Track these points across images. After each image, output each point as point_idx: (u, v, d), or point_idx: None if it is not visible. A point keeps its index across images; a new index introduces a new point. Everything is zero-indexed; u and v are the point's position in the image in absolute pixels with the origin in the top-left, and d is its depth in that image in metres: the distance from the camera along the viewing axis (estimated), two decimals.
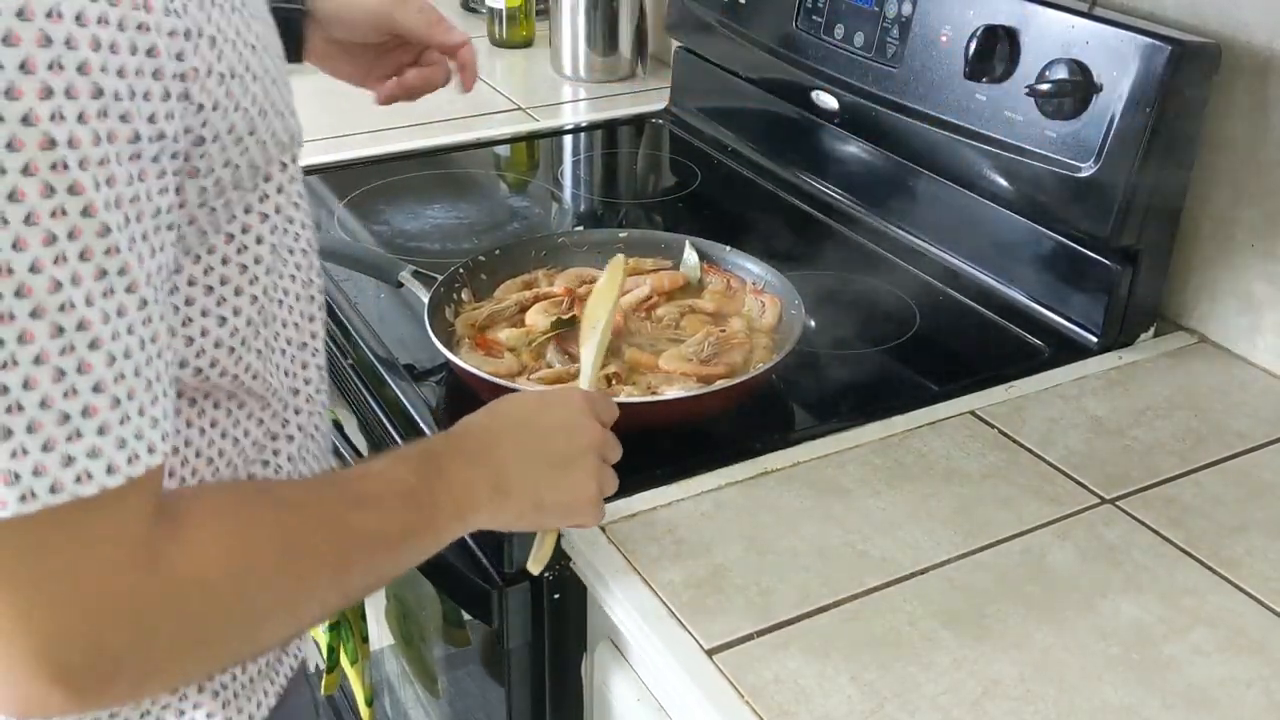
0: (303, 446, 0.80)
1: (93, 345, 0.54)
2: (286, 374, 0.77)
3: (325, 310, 0.83)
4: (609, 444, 0.86)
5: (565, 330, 1.11)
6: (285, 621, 0.70)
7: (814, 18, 1.43)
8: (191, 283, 0.67)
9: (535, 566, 0.89)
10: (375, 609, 1.32)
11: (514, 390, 1.01)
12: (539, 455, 0.83)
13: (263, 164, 0.68)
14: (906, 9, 1.30)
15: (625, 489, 0.96)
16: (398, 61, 1.13)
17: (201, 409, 0.71)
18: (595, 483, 0.85)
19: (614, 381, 1.05)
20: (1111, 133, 1.12)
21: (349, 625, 1.30)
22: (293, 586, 0.68)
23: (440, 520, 0.77)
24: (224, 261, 0.68)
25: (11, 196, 0.51)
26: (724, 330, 1.12)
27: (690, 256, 1.22)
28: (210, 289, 0.68)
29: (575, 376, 1.05)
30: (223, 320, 0.69)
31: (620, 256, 1.03)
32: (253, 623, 0.66)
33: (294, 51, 1.09)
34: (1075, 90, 1.13)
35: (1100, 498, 0.97)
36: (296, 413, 0.79)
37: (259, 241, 0.70)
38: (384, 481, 0.75)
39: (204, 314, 0.68)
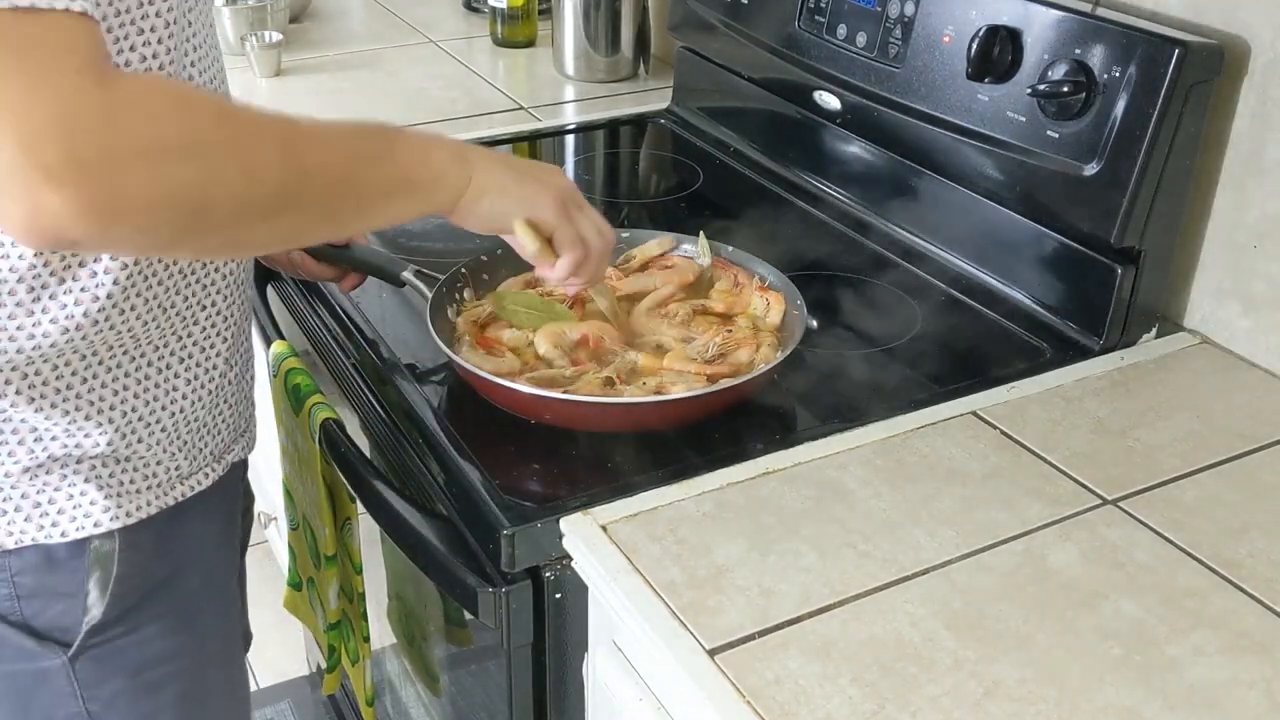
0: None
1: None
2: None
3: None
4: (581, 197, 1.00)
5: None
6: (237, 166, 0.74)
7: (816, 18, 1.43)
8: None
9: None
10: (377, 609, 1.32)
11: (514, 389, 1.01)
12: (503, 158, 0.97)
13: None
14: (909, 9, 1.30)
15: (626, 489, 0.96)
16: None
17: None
18: (557, 190, 0.97)
19: (616, 381, 1.05)
20: (1114, 133, 1.12)
21: (350, 625, 1.30)
22: (239, 136, 0.75)
23: (400, 152, 0.87)
24: None
25: None
26: (730, 330, 1.11)
27: (703, 249, 1.22)
28: None
29: (572, 380, 1.05)
30: None
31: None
32: (203, 155, 0.72)
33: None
34: (1077, 91, 1.13)
35: (1102, 498, 0.97)
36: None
37: None
38: (332, 123, 0.84)
39: None
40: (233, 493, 1.07)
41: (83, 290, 0.84)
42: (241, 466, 1.08)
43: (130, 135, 0.68)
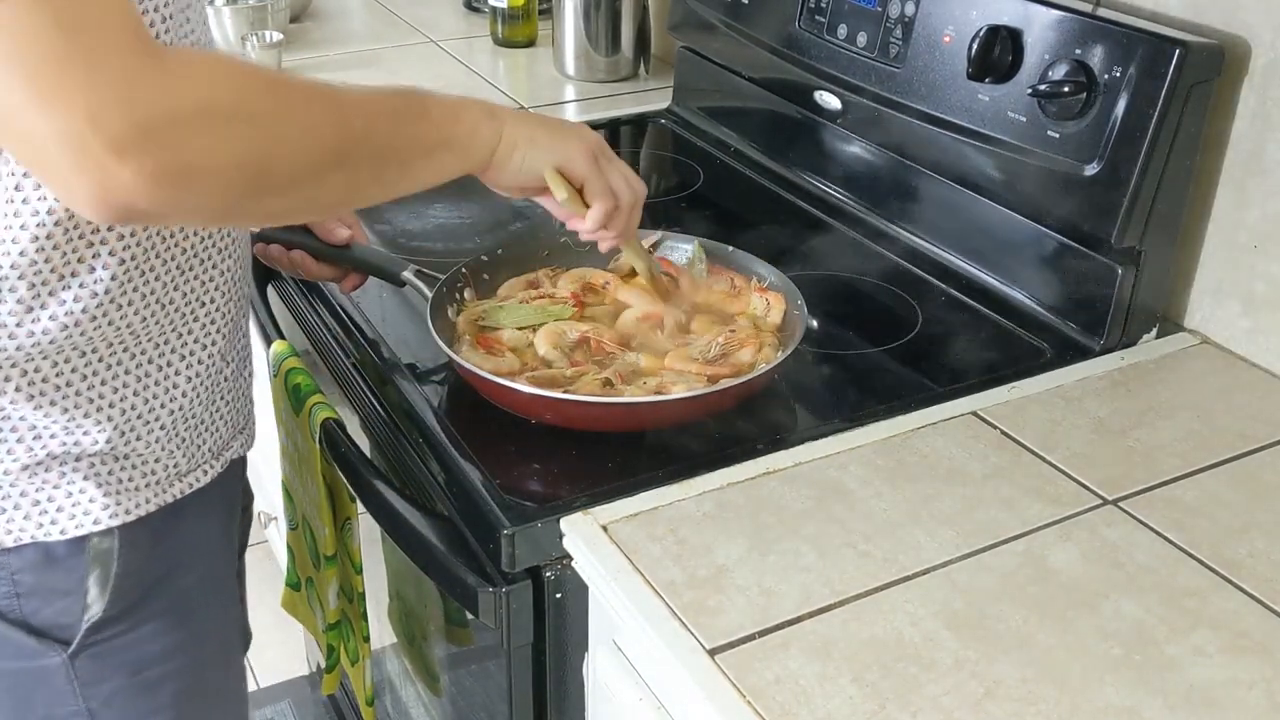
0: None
1: None
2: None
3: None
4: (609, 149, 1.03)
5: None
6: (293, 128, 0.78)
7: (817, 18, 1.43)
8: None
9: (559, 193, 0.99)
10: (377, 608, 1.32)
11: (515, 389, 1.01)
12: (531, 115, 1.01)
13: None
14: (910, 9, 1.30)
15: (626, 489, 0.96)
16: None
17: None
18: (586, 142, 1.00)
19: (616, 381, 1.05)
20: (1114, 133, 1.11)
21: (350, 625, 1.30)
22: (291, 100, 0.78)
23: (435, 112, 0.91)
24: None
25: None
26: (734, 330, 1.11)
27: (699, 256, 1.22)
28: None
29: (572, 381, 1.05)
30: None
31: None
32: (260, 118, 0.75)
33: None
34: (1078, 91, 1.13)
35: (1102, 499, 0.97)
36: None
37: None
38: (368, 88, 0.87)
39: None
40: (231, 490, 1.07)
41: (82, 286, 0.84)
42: (240, 464, 1.08)
43: (190, 103, 0.71)
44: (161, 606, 0.98)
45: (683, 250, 1.23)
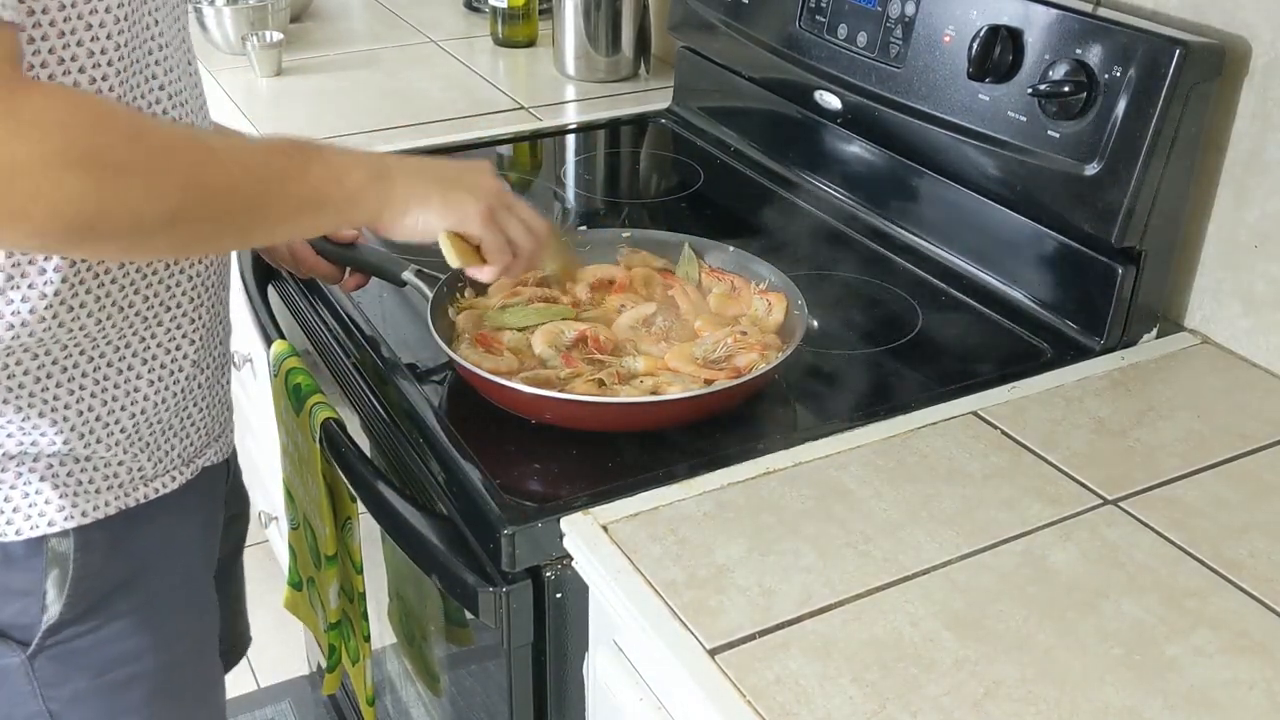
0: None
1: None
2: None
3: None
4: (509, 197, 1.01)
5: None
6: (139, 185, 0.76)
7: (817, 17, 1.43)
8: None
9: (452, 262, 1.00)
10: (377, 608, 1.32)
11: (515, 389, 1.01)
12: (427, 170, 0.97)
13: None
14: (910, 9, 1.30)
15: (627, 489, 0.96)
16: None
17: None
18: (483, 200, 0.98)
19: (613, 381, 1.05)
20: (1114, 133, 1.12)
21: (350, 624, 1.30)
22: (147, 156, 0.76)
23: (315, 170, 0.88)
24: None
25: None
26: (745, 333, 1.11)
27: (688, 257, 1.22)
28: None
29: (567, 381, 1.05)
30: None
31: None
32: (106, 171, 0.73)
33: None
34: (1078, 90, 1.13)
35: (1102, 498, 0.97)
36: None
37: None
38: (250, 141, 0.88)
39: None
40: (211, 496, 1.06)
41: (30, 288, 0.84)
42: (221, 470, 1.07)
43: (31, 146, 0.69)
44: (126, 608, 0.97)
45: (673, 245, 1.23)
